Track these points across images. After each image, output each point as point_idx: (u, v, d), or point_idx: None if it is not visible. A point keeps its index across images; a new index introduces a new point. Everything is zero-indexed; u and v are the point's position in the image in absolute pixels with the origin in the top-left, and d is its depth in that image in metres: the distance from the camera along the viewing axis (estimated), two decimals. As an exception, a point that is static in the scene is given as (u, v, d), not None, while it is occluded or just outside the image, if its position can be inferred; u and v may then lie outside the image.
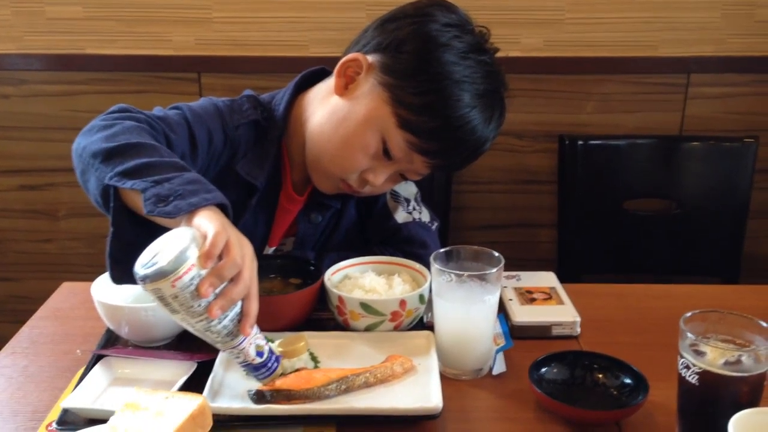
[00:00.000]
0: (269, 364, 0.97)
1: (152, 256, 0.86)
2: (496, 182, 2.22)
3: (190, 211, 0.93)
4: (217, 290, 0.88)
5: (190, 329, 0.91)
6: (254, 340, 0.95)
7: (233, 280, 0.90)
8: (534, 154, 2.19)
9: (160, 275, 0.84)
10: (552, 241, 2.21)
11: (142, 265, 0.86)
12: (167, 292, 0.85)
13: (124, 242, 1.01)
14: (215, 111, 1.25)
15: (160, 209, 0.93)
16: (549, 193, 2.19)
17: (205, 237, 0.89)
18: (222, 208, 0.97)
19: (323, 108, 1.24)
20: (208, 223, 0.91)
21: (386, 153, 1.19)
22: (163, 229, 0.96)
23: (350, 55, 1.21)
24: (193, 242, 0.87)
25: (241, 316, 0.92)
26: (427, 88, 1.14)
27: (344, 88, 1.22)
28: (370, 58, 1.20)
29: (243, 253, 0.91)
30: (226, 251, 0.89)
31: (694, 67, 2.12)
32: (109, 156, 1.02)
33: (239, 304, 0.92)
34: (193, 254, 0.86)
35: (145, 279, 0.85)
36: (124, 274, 1.03)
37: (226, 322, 0.91)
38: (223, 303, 0.89)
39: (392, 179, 1.26)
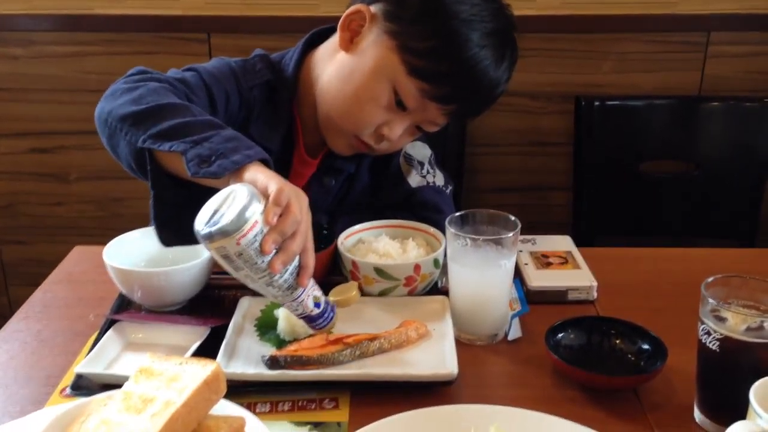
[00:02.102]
0: (326, 314, 0.98)
1: (212, 214, 0.86)
2: (510, 144, 2.19)
3: (236, 169, 0.92)
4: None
5: (252, 285, 0.92)
6: (311, 291, 0.96)
7: (292, 235, 0.90)
8: (549, 116, 2.16)
9: (225, 233, 0.84)
10: (566, 204, 2.19)
11: (204, 224, 0.85)
12: (232, 250, 0.85)
13: (166, 204, 1.01)
14: (230, 71, 1.23)
15: (204, 170, 0.93)
16: (564, 155, 2.16)
17: (263, 192, 0.89)
18: (264, 163, 0.96)
19: (331, 65, 1.22)
20: (266, 178, 0.91)
21: (399, 104, 1.16)
22: (204, 187, 0.95)
23: (352, 8, 1.18)
24: (253, 198, 0.86)
25: (299, 269, 0.93)
26: (433, 30, 1.12)
27: (350, 42, 1.19)
28: (373, 8, 1.17)
29: (300, 206, 0.91)
30: (287, 207, 0.89)
31: (715, 24, 2.07)
32: (139, 119, 1.00)
33: (297, 257, 0.92)
34: (255, 210, 0.86)
35: (211, 237, 0.84)
36: (172, 236, 1.03)
37: (286, 276, 0.91)
38: (285, 258, 0.89)
39: (409, 132, 1.23)
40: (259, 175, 0.92)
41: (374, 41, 1.16)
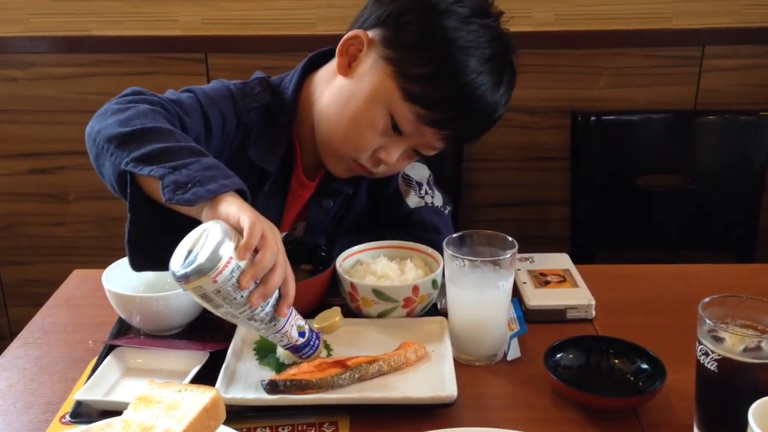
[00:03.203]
0: (312, 342, 0.98)
1: (186, 255, 0.86)
2: (507, 159, 2.20)
3: (210, 198, 0.92)
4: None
5: (234, 321, 0.91)
6: (295, 321, 0.95)
7: (272, 269, 0.90)
8: (546, 131, 2.17)
9: (201, 272, 0.83)
10: (564, 219, 2.19)
11: (179, 265, 0.85)
12: (209, 288, 0.85)
13: (142, 228, 1.01)
14: (228, 94, 1.23)
15: (179, 197, 0.92)
16: (561, 169, 2.17)
17: (236, 227, 0.89)
18: (241, 193, 0.96)
19: (329, 89, 1.23)
20: (239, 212, 0.90)
21: (395, 129, 1.17)
22: (182, 216, 0.95)
23: (350, 33, 1.19)
24: (226, 235, 0.86)
25: (279, 299, 0.93)
26: (430, 57, 1.12)
27: (347, 67, 1.19)
28: (371, 33, 1.17)
29: (276, 238, 0.91)
30: (264, 241, 0.89)
31: (709, 38, 2.08)
32: (124, 141, 1.01)
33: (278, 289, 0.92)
34: (229, 246, 0.85)
35: (187, 278, 0.84)
36: (144, 261, 1.03)
37: (268, 308, 0.91)
38: (264, 291, 0.89)
39: (407, 156, 1.23)
40: (233, 207, 0.91)
41: (371, 67, 1.16)
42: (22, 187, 2.25)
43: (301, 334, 0.96)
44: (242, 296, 0.87)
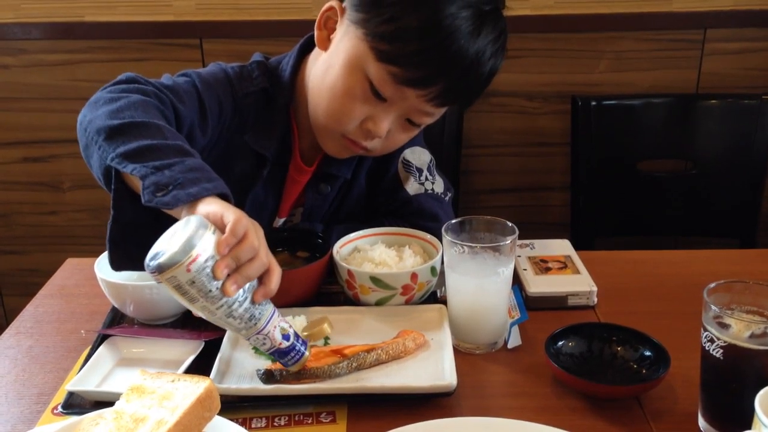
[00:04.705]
0: (297, 347, 0.92)
1: (160, 249, 0.83)
2: (507, 145, 2.18)
3: (190, 201, 0.90)
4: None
5: (212, 318, 0.87)
6: (278, 323, 0.91)
7: (249, 260, 0.86)
8: (545, 116, 2.15)
9: (173, 261, 0.81)
10: (564, 204, 2.17)
11: (152, 258, 0.83)
12: (183, 278, 0.82)
13: (124, 224, 0.99)
14: (225, 78, 1.21)
15: (158, 199, 0.90)
16: (561, 155, 2.15)
17: (218, 223, 0.86)
18: (223, 197, 0.93)
19: (315, 67, 1.21)
20: (221, 209, 0.88)
21: (377, 95, 1.11)
22: (165, 214, 0.93)
23: (326, 5, 1.17)
24: (201, 226, 0.84)
25: (257, 286, 0.89)
26: (395, 11, 1.06)
27: (327, 41, 1.17)
28: (345, 2, 1.15)
29: (258, 236, 0.88)
30: (243, 236, 0.86)
31: (711, 21, 2.06)
32: (112, 134, 0.98)
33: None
34: (203, 236, 0.83)
35: (161, 268, 0.81)
36: (123, 259, 1.01)
37: (246, 304, 0.87)
38: (238, 278, 0.85)
39: (401, 127, 1.18)
40: (213, 206, 0.88)
41: (344, 33, 1.13)
42: (16, 175, 2.23)
43: (285, 336, 0.91)
44: (218, 288, 0.84)
